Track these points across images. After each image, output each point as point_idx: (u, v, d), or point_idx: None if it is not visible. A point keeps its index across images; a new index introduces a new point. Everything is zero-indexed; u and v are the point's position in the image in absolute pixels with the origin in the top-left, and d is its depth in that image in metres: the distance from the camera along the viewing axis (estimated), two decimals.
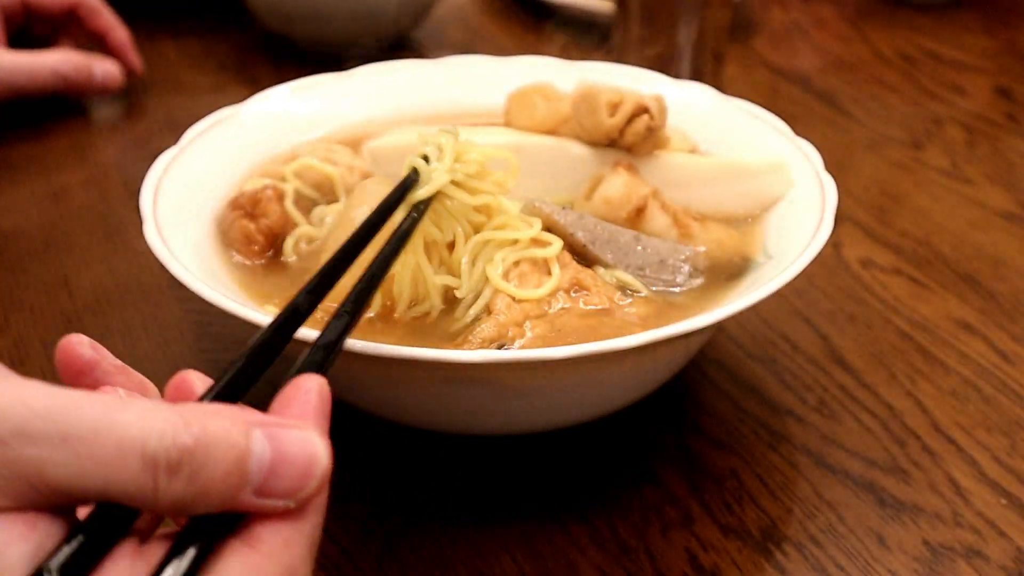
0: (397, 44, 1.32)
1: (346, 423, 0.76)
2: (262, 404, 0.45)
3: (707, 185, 0.84)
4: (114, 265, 0.95)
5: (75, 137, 1.16)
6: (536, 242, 0.74)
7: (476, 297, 0.71)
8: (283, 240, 0.80)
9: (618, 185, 0.80)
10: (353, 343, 0.61)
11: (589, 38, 1.38)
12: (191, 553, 0.40)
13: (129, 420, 0.40)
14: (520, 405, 0.69)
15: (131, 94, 1.25)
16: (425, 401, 0.69)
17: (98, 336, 0.85)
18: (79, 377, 0.51)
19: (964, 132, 1.20)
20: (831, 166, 0.81)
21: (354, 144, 0.90)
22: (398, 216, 0.67)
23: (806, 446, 0.76)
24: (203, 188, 0.82)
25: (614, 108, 0.81)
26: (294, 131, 0.91)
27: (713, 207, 0.84)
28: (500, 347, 0.68)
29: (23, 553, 0.39)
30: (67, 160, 1.01)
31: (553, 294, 0.72)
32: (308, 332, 0.56)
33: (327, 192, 0.85)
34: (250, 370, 0.49)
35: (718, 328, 0.82)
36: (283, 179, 0.84)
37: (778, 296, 0.85)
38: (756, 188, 0.83)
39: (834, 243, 0.98)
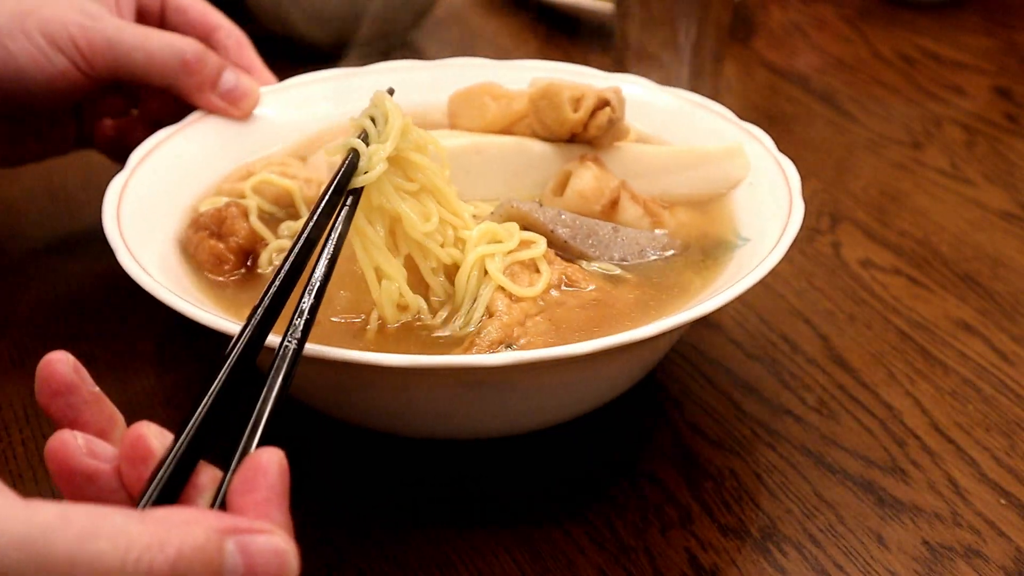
0: (397, 44, 1.32)
1: (347, 423, 0.76)
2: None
3: (669, 173, 0.86)
4: (113, 265, 0.95)
5: None
6: (520, 243, 0.74)
7: (474, 300, 0.71)
8: (254, 257, 0.79)
9: (589, 179, 0.81)
10: (364, 355, 0.61)
11: (589, 38, 1.38)
12: None
13: (103, 549, 0.40)
14: (523, 404, 0.69)
15: None
16: (431, 408, 0.69)
17: (97, 336, 0.86)
18: (55, 397, 0.50)
19: (963, 132, 1.19)
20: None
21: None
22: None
23: (805, 446, 0.76)
24: (162, 209, 0.80)
25: (577, 103, 0.82)
26: (266, 141, 0.90)
27: (676, 194, 0.86)
28: (509, 348, 0.68)
29: None
30: (67, 160, 1.01)
31: (547, 291, 0.72)
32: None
33: (286, 206, 0.84)
34: (209, 424, 0.49)
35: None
36: (242, 196, 0.83)
37: (777, 296, 0.85)
38: (716, 173, 0.85)
39: (834, 243, 0.98)
